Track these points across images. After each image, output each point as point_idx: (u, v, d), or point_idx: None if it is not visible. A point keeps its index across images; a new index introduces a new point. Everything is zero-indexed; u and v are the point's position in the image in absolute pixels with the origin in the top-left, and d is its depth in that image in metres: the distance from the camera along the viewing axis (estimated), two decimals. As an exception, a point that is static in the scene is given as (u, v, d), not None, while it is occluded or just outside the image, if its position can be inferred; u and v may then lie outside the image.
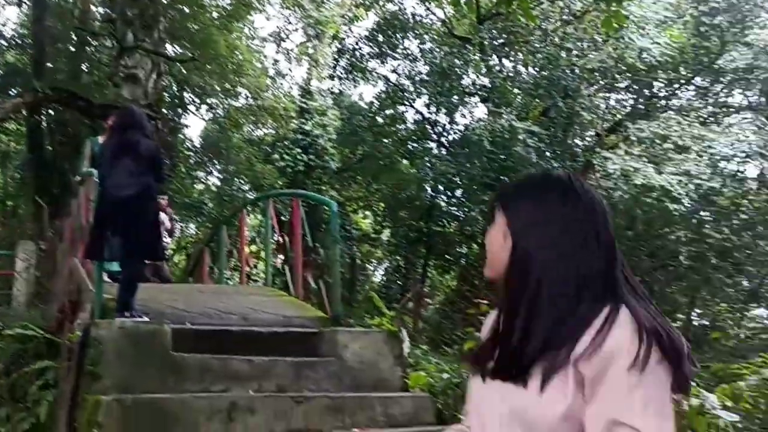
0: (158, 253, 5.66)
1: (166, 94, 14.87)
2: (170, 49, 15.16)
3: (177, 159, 14.68)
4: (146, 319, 4.82)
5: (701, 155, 11.83)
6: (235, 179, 18.29)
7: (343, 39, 16.96)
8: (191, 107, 17.93)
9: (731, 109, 15.13)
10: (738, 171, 12.63)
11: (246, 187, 17.91)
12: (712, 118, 14.12)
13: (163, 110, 14.24)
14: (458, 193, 15.15)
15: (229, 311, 5.39)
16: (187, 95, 17.30)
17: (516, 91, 14.38)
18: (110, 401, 3.76)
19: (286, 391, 4.59)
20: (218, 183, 19.50)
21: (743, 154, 12.04)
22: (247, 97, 17.53)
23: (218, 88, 16.13)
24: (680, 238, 11.88)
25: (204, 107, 18.08)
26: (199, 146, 18.76)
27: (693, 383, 5.37)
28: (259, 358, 4.62)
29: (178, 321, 4.90)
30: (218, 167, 19.06)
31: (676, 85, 15.27)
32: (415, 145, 16.64)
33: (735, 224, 12.09)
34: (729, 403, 5.07)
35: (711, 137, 12.00)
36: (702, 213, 12.01)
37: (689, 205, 11.60)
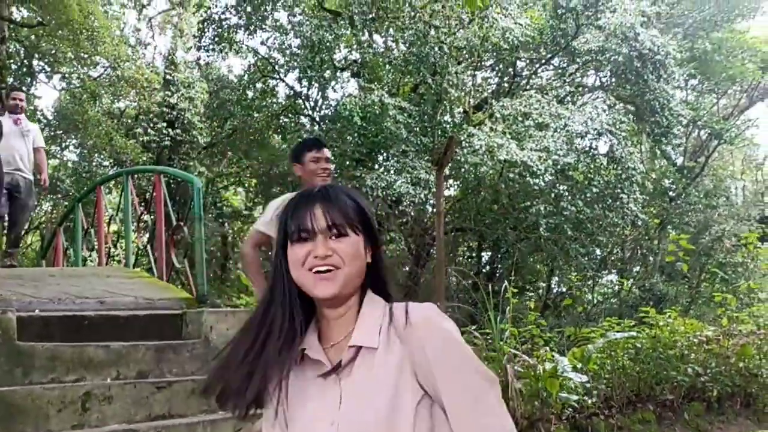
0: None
1: (11, 62, 13.65)
2: (16, 13, 13.88)
3: (26, 132, 13.51)
4: None
5: (558, 132, 12.52)
6: (94, 154, 17.17)
7: (209, 8, 16.27)
8: (41, 76, 16.58)
9: (585, 89, 16.13)
10: (591, 147, 13.51)
11: (106, 163, 16.86)
12: (569, 97, 14.97)
13: (9, 79, 13.06)
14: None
15: (83, 295, 5.06)
16: (37, 63, 15.96)
17: (387, 67, 14.49)
18: (-55, 398, 3.43)
19: (147, 376, 4.39)
20: (75, 158, 18.24)
21: (595, 131, 12.87)
22: (106, 67, 16.45)
23: (72, 56, 14.97)
24: (540, 211, 12.55)
25: (57, 77, 16.77)
26: (52, 119, 17.40)
27: (547, 348, 5.73)
28: (117, 344, 4.38)
29: (25, 308, 4.54)
30: (75, 141, 17.80)
31: (537, 65, 16.03)
32: (286, 120, 16.41)
33: (588, 197, 12.94)
34: (579, 365, 5.47)
35: (567, 115, 12.71)
36: (559, 187, 12.73)
37: (548, 180, 12.27)
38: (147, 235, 10.62)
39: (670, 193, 17.36)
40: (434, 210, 12.99)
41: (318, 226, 1.26)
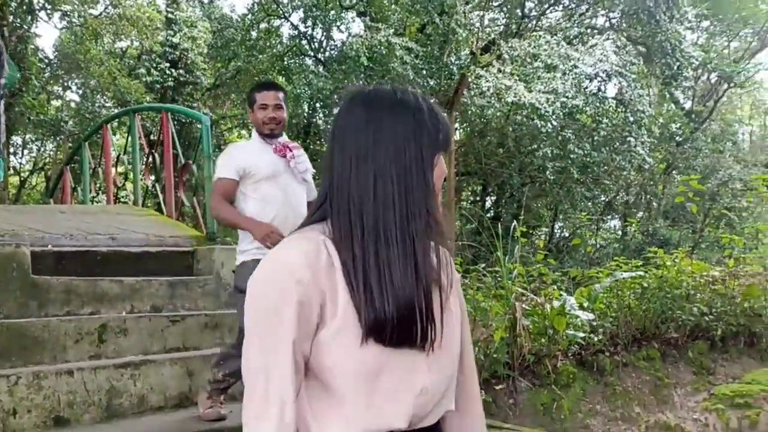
0: None
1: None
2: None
3: (28, 71, 13.37)
4: None
5: (567, 74, 12.34)
6: (97, 95, 17.00)
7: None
8: (42, 14, 16.25)
9: (595, 30, 15.80)
10: (599, 89, 13.35)
11: (110, 104, 16.69)
12: (578, 39, 14.68)
13: (9, 17, 12.86)
14: (336, 110, 14.97)
15: (94, 231, 5.08)
16: (37, 1, 15.63)
17: (393, 6, 14.18)
18: (-36, 328, 3.48)
19: (160, 310, 4.46)
20: (78, 99, 18.08)
21: (605, 73, 12.69)
22: (106, 5, 16.12)
23: (72, -7, 14.67)
24: (547, 154, 12.49)
25: (57, 15, 16.45)
26: (53, 58, 17.16)
27: (554, 287, 5.78)
28: (131, 279, 4.43)
29: (38, 243, 4.57)
30: (77, 81, 17.60)
31: (546, 5, 15.67)
32: (291, 61, 16.16)
33: (595, 140, 12.85)
34: (586, 304, 5.53)
35: (577, 56, 12.50)
36: (567, 130, 12.63)
37: (555, 123, 12.16)
38: (153, 176, 10.61)
39: (677, 138, 17.22)
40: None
41: None
